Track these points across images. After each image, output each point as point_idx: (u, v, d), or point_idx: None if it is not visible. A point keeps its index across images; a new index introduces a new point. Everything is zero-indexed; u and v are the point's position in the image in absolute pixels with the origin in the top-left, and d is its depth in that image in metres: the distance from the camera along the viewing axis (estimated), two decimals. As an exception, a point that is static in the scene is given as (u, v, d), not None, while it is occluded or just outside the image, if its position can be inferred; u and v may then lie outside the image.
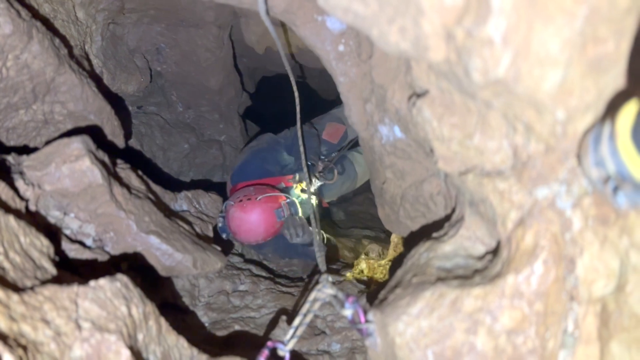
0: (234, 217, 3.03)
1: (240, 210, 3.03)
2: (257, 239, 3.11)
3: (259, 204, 3.06)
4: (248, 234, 3.05)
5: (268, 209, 3.07)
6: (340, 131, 3.80)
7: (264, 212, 3.06)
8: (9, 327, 1.18)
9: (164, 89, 4.39)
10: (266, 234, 3.12)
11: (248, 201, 3.06)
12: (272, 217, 3.08)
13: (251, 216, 3.02)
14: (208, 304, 2.77)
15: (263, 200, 3.07)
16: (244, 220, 3.02)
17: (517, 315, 1.17)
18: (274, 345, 1.56)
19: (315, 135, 3.67)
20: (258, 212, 3.04)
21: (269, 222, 3.08)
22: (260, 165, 3.42)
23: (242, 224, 3.02)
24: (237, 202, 3.07)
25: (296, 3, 2.07)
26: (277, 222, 3.12)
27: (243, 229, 3.03)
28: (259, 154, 3.49)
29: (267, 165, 3.44)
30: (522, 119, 1.07)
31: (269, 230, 3.10)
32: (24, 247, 1.52)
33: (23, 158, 1.95)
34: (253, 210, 3.03)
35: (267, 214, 3.06)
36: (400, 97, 1.68)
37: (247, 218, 3.02)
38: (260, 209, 3.05)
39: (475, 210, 1.36)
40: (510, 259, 1.20)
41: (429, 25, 0.96)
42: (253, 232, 3.06)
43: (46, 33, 2.31)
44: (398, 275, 1.52)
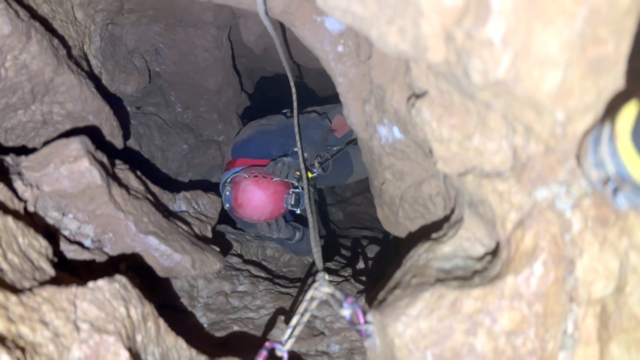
0: (247, 190, 3.05)
1: (255, 184, 3.05)
2: (260, 217, 3.12)
3: (274, 184, 3.08)
4: (255, 209, 3.07)
5: (280, 191, 3.10)
6: (347, 127, 3.78)
7: (276, 193, 3.08)
8: (7, 329, 1.18)
9: (162, 90, 4.39)
10: (271, 215, 3.14)
11: (264, 179, 3.08)
12: (282, 200, 3.11)
13: (264, 194, 3.05)
14: (207, 304, 2.76)
15: (277, 182, 3.10)
16: (256, 196, 3.04)
17: (516, 316, 1.17)
18: (272, 345, 1.56)
19: (326, 127, 3.65)
20: (271, 192, 3.06)
21: (278, 204, 3.10)
22: (265, 146, 3.41)
23: (253, 199, 3.04)
24: (252, 177, 3.09)
25: (295, 4, 2.06)
26: (283, 207, 3.14)
27: (253, 204, 3.05)
28: (266, 135, 3.46)
29: (271, 148, 3.41)
30: (522, 120, 1.07)
31: (274, 212, 3.12)
32: (22, 248, 1.51)
33: (22, 159, 1.94)
34: (268, 188, 3.05)
35: (278, 196, 3.09)
36: (399, 98, 1.68)
37: (259, 194, 3.04)
38: (274, 189, 3.07)
39: (475, 211, 1.36)
40: (510, 260, 1.20)
41: (428, 26, 0.96)
42: (261, 209, 3.07)
43: (45, 33, 2.31)
44: (397, 276, 1.52)
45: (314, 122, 3.60)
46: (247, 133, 3.55)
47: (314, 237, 2.20)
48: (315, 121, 3.62)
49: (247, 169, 3.22)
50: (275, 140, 3.40)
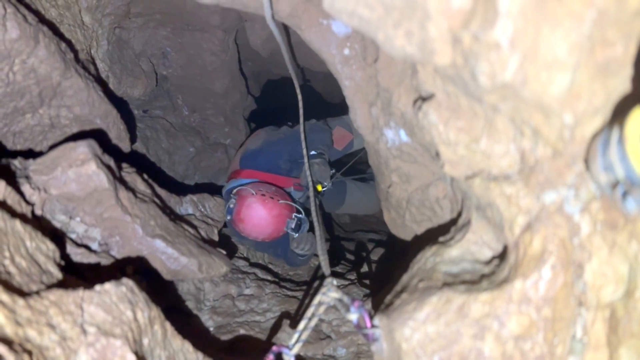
0: (251, 207, 3.02)
1: (260, 203, 3.02)
2: (258, 236, 3.10)
3: (279, 207, 3.06)
4: (256, 227, 3.05)
5: (284, 215, 3.08)
6: (347, 139, 3.78)
7: (280, 216, 3.06)
8: (14, 332, 1.18)
9: (169, 93, 4.40)
10: (269, 236, 3.12)
11: (270, 199, 3.05)
12: (283, 224, 3.09)
13: (268, 214, 3.02)
14: (213, 307, 2.76)
15: (283, 205, 3.08)
16: (260, 215, 3.02)
17: (524, 320, 1.16)
18: (279, 349, 1.55)
19: (329, 132, 3.65)
20: (275, 214, 3.04)
21: (279, 227, 3.08)
22: (274, 159, 3.38)
23: (256, 217, 3.02)
24: (259, 194, 3.06)
25: (301, 7, 2.07)
26: (282, 230, 3.13)
27: (254, 222, 3.03)
28: (275, 146, 3.43)
29: (280, 161, 3.40)
30: (530, 123, 1.06)
31: (273, 234, 3.11)
32: (29, 252, 1.52)
33: (29, 162, 1.95)
34: (272, 210, 3.03)
35: (280, 219, 3.07)
36: (406, 101, 1.67)
37: (263, 214, 3.02)
38: (278, 211, 3.05)
39: (482, 214, 1.35)
40: (518, 264, 1.19)
41: (435, 29, 0.96)
42: (261, 228, 3.05)
43: (52, 37, 2.32)
44: (404, 280, 1.51)
45: (317, 126, 3.61)
46: (255, 144, 3.52)
47: (320, 243, 2.20)
48: (319, 125, 3.62)
49: (255, 185, 3.19)
50: (285, 149, 3.38)
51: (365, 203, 4.24)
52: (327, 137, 3.59)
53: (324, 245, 2.07)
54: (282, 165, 3.40)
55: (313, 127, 3.56)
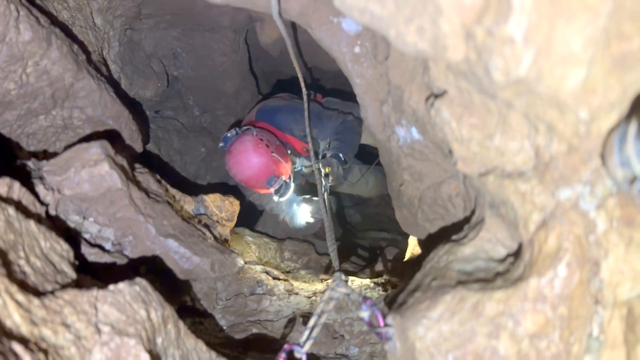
0: (243, 143, 3.07)
1: (253, 143, 3.05)
2: (236, 175, 3.13)
3: (269, 157, 3.07)
4: (237, 164, 3.09)
5: (268, 166, 3.09)
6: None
7: (264, 165, 3.07)
8: (30, 331, 1.19)
9: (180, 94, 4.42)
10: (248, 180, 3.13)
11: (265, 147, 3.07)
12: (264, 175, 3.10)
13: (253, 157, 3.05)
14: (226, 307, 2.77)
15: (274, 159, 3.09)
16: (246, 154, 3.05)
17: (540, 319, 1.15)
18: (291, 348, 1.55)
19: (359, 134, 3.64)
20: (260, 161, 3.06)
21: (259, 176, 3.10)
22: (290, 123, 3.40)
23: (242, 154, 3.06)
24: (257, 137, 3.08)
25: (311, 5, 2.06)
26: (263, 184, 3.14)
27: (238, 158, 3.08)
28: (295, 112, 3.43)
29: (295, 126, 3.41)
30: (544, 119, 1.05)
31: (252, 180, 3.12)
32: (44, 252, 1.53)
33: (43, 163, 1.97)
34: (260, 155, 3.05)
35: (263, 169, 3.08)
36: (417, 98, 1.66)
37: (249, 155, 3.05)
38: (265, 160, 3.06)
39: (496, 212, 1.34)
40: (533, 262, 1.18)
41: (447, 25, 0.95)
42: (242, 168, 3.08)
43: (65, 39, 2.34)
44: (417, 279, 1.50)
45: (353, 126, 3.56)
46: (277, 102, 3.54)
47: (329, 237, 2.19)
48: (354, 125, 3.58)
49: (261, 130, 3.20)
50: (301, 119, 3.32)
51: (363, 186, 4.25)
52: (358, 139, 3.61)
53: (333, 237, 2.07)
54: (295, 132, 3.42)
55: (347, 125, 3.55)
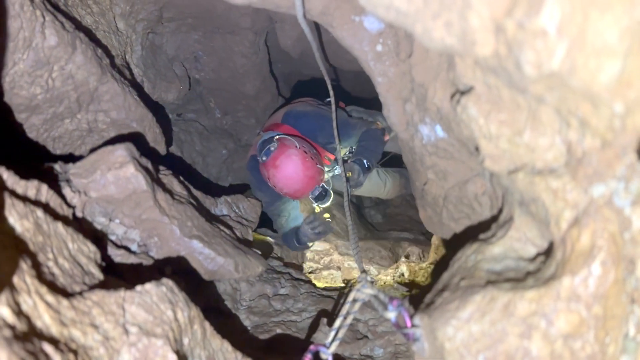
0: (291, 158, 2.99)
1: (300, 158, 2.99)
2: (283, 188, 3.05)
3: (315, 169, 3.04)
4: (286, 179, 3.01)
5: (315, 179, 3.07)
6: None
7: (312, 178, 3.04)
8: (59, 332, 1.20)
9: (202, 96, 4.45)
10: (295, 193, 3.08)
11: (311, 160, 3.04)
12: (311, 187, 3.08)
13: (303, 172, 3.00)
14: (250, 307, 2.77)
15: (318, 170, 3.08)
16: (295, 169, 2.99)
17: (574, 319, 1.12)
18: (317, 348, 1.54)
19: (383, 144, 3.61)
20: (309, 175, 3.02)
21: (307, 188, 3.06)
22: (315, 129, 3.34)
23: (291, 169, 2.99)
24: (302, 150, 3.03)
25: (333, 5, 2.05)
26: (307, 194, 3.11)
27: (287, 173, 2.99)
28: (322, 120, 3.36)
29: (320, 133, 3.35)
30: (577, 113, 1.02)
31: (298, 192, 3.07)
32: (72, 253, 1.55)
33: (69, 166, 1.99)
34: (309, 169, 3.01)
35: (311, 182, 3.05)
36: (442, 96, 1.64)
37: (299, 170, 2.99)
38: (312, 173, 3.03)
39: (526, 210, 1.31)
40: (565, 261, 1.15)
41: (476, 19, 0.93)
42: (291, 182, 3.01)
43: (89, 44, 2.37)
44: (444, 279, 1.48)
45: (376, 134, 3.53)
46: (305, 108, 3.50)
47: (353, 239, 2.18)
48: (377, 134, 3.54)
49: (299, 139, 3.14)
50: (329, 131, 3.30)
51: (380, 188, 4.19)
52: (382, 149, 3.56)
53: (356, 239, 2.05)
54: (319, 139, 3.36)
55: (372, 135, 3.51)
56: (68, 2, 2.56)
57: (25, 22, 1.95)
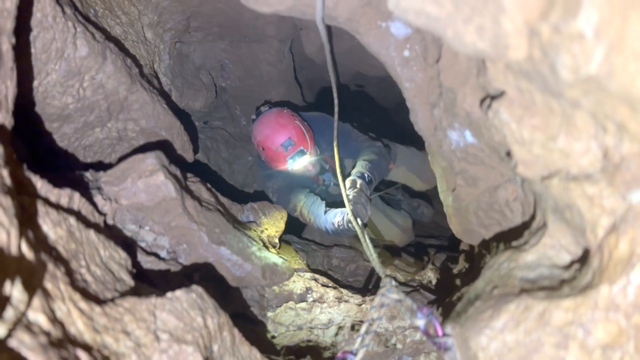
0: (271, 111, 3.32)
1: (278, 111, 3.28)
2: (256, 137, 3.24)
3: (291, 122, 3.22)
4: (259, 125, 3.26)
5: (288, 130, 3.19)
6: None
7: (283, 127, 3.18)
8: (93, 339, 1.22)
9: (228, 104, 4.50)
10: (264, 142, 3.19)
11: (290, 115, 3.27)
12: (282, 137, 3.17)
13: (275, 119, 3.21)
14: (276, 314, 2.77)
15: (295, 126, 3.23)
16: (269, 117, 3.25)
17: (612, 329, 1.09)
18: (344, 356, 1.53)
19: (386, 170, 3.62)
20: (280, 123, 3.18)
21: (277, 137, 3.17)
22: (316, 133, 3.46)
23: (265, 118, 3.26)
24: (284, 108, 3.32)
25: (359, 11, 2.05)
26: (279, 147, 3.18)
27: (262, 120, 3.26)
28: (322, 124, 3.52)
29: (321, 138, 3.49)
30: (614, 117, 0.99)
31: (269, 140, 3.17)
32: (103, 260, 1.57)
33: (100, 174, 2.03)
34: (282, 119, 3.21)
35: (282, 131, 3.18)
36: (471, 100, 1.62)
37: (272, 117, 3.24)
38: (284, 123, 3.20)
39: (560, 217, 1.28)
40: (603, 269, 1.12)
41: (510, 23, 0.91)
42: (262, 127, 3.22)
43: (118, 54, 2.41)
44: (476, 287, 1.45)
45: (382, 151, 3.58)
46: (318, 116, 3.62)
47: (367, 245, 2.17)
48: (383, 151, 3.59)
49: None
50: (330, 139, 3.36)
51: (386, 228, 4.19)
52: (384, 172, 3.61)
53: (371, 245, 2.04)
54: (323, 145, 3.50)
55: (379, 153, 3.54)
56: (98, 13, 2.62)
57: (57, 34, 2.00)
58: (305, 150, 3.23)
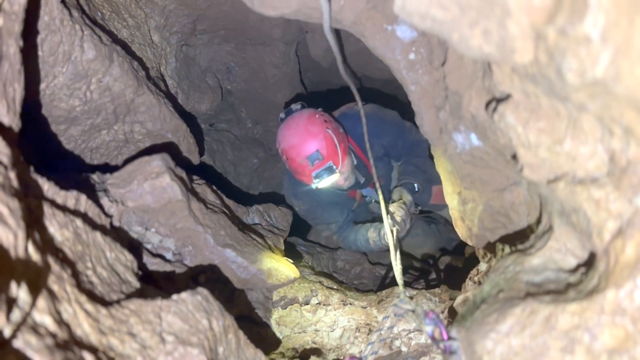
0: (301, 113, 2.83)
1: (309, 115, 2.77)
2: (281, 144, 2.82)
3: (322, 131, 2.75)
4: (284, 130, 2.84)
5: (317, 141, 2.74)
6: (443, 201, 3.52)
7: (312, 137, 2.73)
8: (98, 340, 1.22)
9: (233, 106, 4.52)
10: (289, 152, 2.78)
11: (322, 122, 2.78)
12: (309, 149, 2.74)
13: (303, 126, 2.74)
14: (281, 317, 2.77)
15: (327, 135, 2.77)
16: (297, 122, 2.81)
17: (619, 333, 1.08)
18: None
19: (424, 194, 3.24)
20: (309, 131, 2.73)
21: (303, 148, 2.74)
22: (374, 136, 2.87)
23: (293, 122, 2.83)
24: (317, 111, 2.82)
25: (365, 14, 2.05)
26: (305, 160, 2.75)
27: (289, 124, 2.84)
28: (382, 125, 3.07)
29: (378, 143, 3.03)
30: (621, 121, 0.99)
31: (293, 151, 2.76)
32: (110, 262, 1.57)
33: (107, 176, 2.04)
34: (311, 125, 2.73)
35: (310, 142, 2.74)
36: (477, 103, 1.61)
37: (300, 123, 2.79)
38: (313, 132, 2.73)
39: (566, 220, 1.28)
40: (609, 273, 1.11)
41: (516, 27, 0.91)
42: (288, 133, 2.80)
43: (125, 56, 2.43)
44: (482, 290, 1.45)
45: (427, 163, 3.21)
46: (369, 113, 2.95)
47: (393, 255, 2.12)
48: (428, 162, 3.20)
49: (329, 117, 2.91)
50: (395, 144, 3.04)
51: (422, 243, 3.94)
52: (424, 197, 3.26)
53: (398, 255, 2.02)
54: (376, 147, 2.99)
55: (422, 162, 3.20)
56: (105, 16, 2.63)
57: (64, 37, 2.01)
58: (334, 168, 2.80)
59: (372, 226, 3.12)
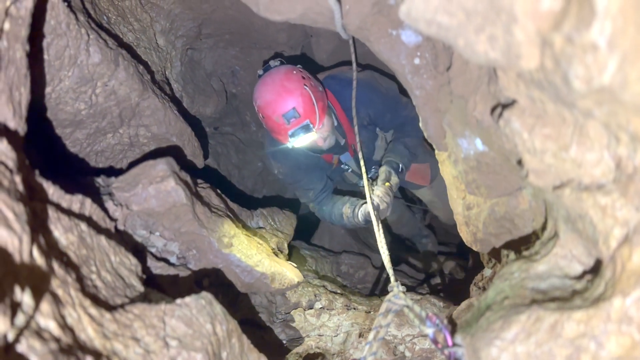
0: (278, 69, 2.69)
1: (286, 71, 2.64)
2: (257, 100, 2.67)
3: (299, 87, 2.58)
4: (261, 86, 2.67)
5: (292, 98, 2.58)
6: (427, 171, 3.39)
7: (287, 93, 2.57)
8: (102, 345, 1.22)
9: (238, 110, 4.52)
10: (264, 109, 2.62)
11: (300, 78, 2.64)
12: (285, 106, 2.58)
13: (280, 81, 2.60)
14: (285, 321, 2.77)
15: (304, 92, 2.60)
16: (273, 78, 2.64)
17: (625, 341, 1.07)
18: (354, 364, 1.52)
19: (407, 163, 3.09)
20: (284, 87, 2.58)
21: (278, 104, 2.58)
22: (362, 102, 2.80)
23: (269, 78, 2.66)
24: (295, 68, 2.70)
25: (370, 19, 2.05)
26: (280, 117, 2.59)
27: (265, 80, 2.67)
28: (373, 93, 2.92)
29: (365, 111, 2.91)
30: (627, 128, 0.98)
31: (269, 108, 2.60)
32: (114, 266, 1.58)
33: (112, 180, 2.04)
34: (288, 82, 2.58)
35: (285, 97, 2.58)
36: (482, 109, 1.61)
37: (277, 79, 2.63)
38: (289, 88, 2.57)
39: (572, 227, 1.27)
40: (616, 280, 1.10)
41: (522, 33, 0.91)
42: (264, 89, 2.64)
43: (131, 60, 2.43)
44: (486, 296, 1.44)
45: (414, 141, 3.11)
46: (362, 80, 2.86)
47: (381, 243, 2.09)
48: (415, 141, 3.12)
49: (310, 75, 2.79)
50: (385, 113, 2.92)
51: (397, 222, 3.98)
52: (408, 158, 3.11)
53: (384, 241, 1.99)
54: (362, 114, 2.83)
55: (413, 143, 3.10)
56: (111, 20, 2.64)
57: (70, 41, 2.02)
58: (311, 127, 2.63)
59: (348, 201, 2.99)
